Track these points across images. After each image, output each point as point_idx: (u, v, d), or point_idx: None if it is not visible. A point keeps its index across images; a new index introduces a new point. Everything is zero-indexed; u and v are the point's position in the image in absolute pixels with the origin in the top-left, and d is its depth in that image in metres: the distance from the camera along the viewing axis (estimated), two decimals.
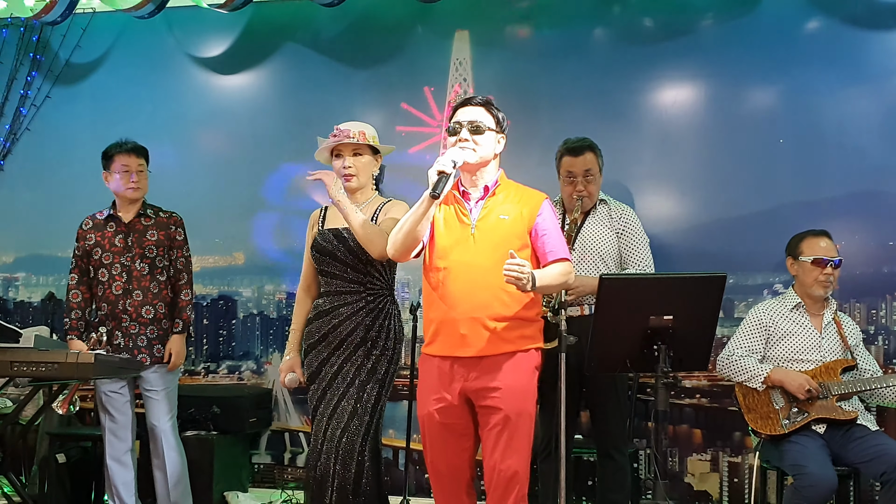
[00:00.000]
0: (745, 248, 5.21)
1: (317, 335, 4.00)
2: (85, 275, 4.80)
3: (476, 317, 3.48)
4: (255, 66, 6.03)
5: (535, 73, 5.58)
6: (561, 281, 3.51)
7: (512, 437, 3.50)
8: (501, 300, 3.49)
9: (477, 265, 3.49)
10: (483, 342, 3.49)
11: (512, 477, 3.50)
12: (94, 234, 4.77)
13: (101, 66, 6.23)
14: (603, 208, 4.60)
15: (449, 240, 3.55)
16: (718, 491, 5.21)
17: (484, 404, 3.52)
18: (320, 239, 4.03)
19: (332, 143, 3.99)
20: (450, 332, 3.52)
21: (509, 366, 3.51)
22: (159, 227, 4.79)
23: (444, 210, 3.59)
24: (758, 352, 4.41)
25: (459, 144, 3.50)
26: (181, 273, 4.81)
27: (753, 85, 5.33)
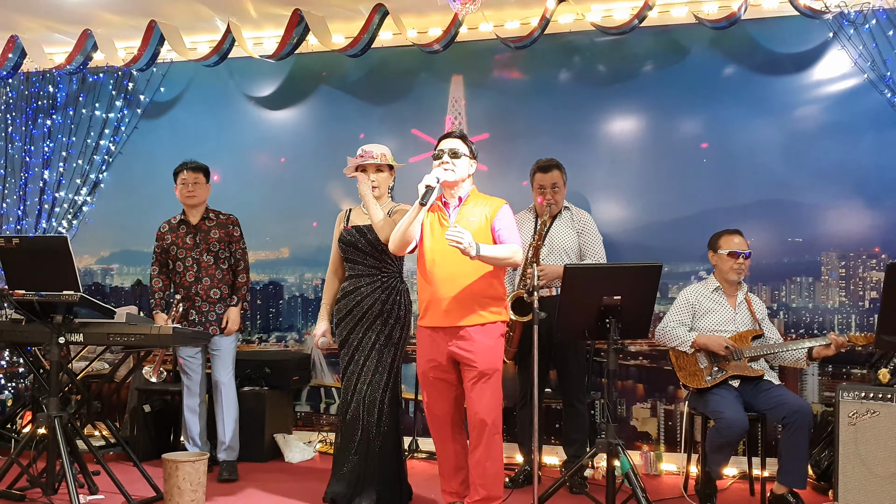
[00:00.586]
0: (677, 243, 5.20)
1: (344, 311, 4.03)
2: (164, 266, 4.84)
3: (455, 296, 3.57)
4: (296, 103, 6.02)
5: (515, 109, 5.57)
6: (504, 254, 3.54)
7: (485, 387, 3.57)
8: (472, 284, 3.59)
9: (455, 259, 3.55)
10: (461, 315, 3.58)
11: (485, 419, 3.57)
12: (170, 235, 4.80)
13: (177, 104, 6.23)
14: (566, 213, 4.65)
15: (434, 239, 3.66)
16: (657, 432, 5.21)
17: (465, 363, 3.61)
18: (345, 234, 4.07)
19: (360, 162, 4.03)
20: (435, 308, 3.62)
21: (481, 334, 3.60)
22: (220, 226, 4.81)
23: (430, 217, 3.69)
24: (686, 324, 4.42)
25: (443, 166, 3.60)
26: (239, 262, 4.84)
27: (683, 117, 5.32)
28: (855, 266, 4.99)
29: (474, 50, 5.62)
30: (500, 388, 3.62)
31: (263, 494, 4.35)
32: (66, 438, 3.98)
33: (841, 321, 5.00)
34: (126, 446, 4.35)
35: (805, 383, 4.98)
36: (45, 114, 6.35)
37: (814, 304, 5.05)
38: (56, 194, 6.27)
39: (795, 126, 5.12)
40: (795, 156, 5.10)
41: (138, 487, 4.25)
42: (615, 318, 3.67)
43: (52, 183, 6.29)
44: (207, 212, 4.84)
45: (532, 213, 4.72)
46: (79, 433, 4.20)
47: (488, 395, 3.57)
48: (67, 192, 6.27)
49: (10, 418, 5.48)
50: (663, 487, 4.61)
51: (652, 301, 3.75)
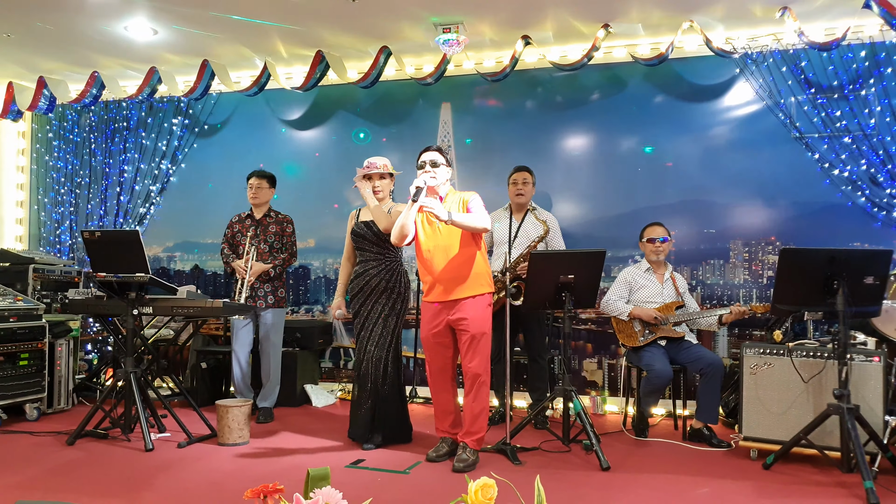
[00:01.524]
0: (618, 233, 5.20)
1: (356, 288, 4.01)
2: (231, 248, 4.82)
3: (449, 277, 3.53)
4: (319, 125, 5.99)
5: (491, 129, 5.56)
6: (474, 222, 3.44)
7: (476, 347, 3.53)
8: (461, 265, 3.54)
9: (444, 247, 3.54)
10: (455, 291, 3.54)
11: (477, 372, 3.54)
12: (238, 225, 4.81)
13: (226, 126, 6.19)
14: (533, 213, 4.63)
15: (426, 233, 3.61)
16: (602, 380, 5.23)
17: (459, 328, 3.56)
18: (357, 228, 4.05)
19: (366, 171, 4.01)
20: (436, 287, 3.57)
21: (472, 304, 3.54)
22: (277, 223, 4.79)
23: (420, 217, 3.64)
24: (624, 297, 4.44)
25: (426, 174, 3.56)
26: (288, 251, 4.82)
27: (623, 135, 5.31)
28: (756, 251, 5.01)
29: (459, 82, 5.61)
30: (489, 348, 3.59)
31: (296, 431, 4.35)
32: (140, 389, 3.99)
33: (745, 294, 5.02)
34: (187, 395, 4.34)
35: (717, 342, 5.01)
36: (121, 134, 6.30)
37: (724, 281, 5.07)
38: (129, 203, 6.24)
39: (710, 142, 5.13)
40: (710, 165, 5.11)
41: (197, 427, 4.26)
42: (569, 292, 3.70)
43: (126, 189, 6.25)
44: (269, 210, 4.82)
45: (507, 211, 4.73)
46: (150, 385, 4.19)
47: (479, 353, 3.53)
48: (139, 197, 6.24)
49: (96, 373, 5.47)
50: (608, 424, 4.64)
51: (598, 279, 3.77)
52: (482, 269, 3.61)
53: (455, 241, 3.55)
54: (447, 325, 3.60)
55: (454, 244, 3.54)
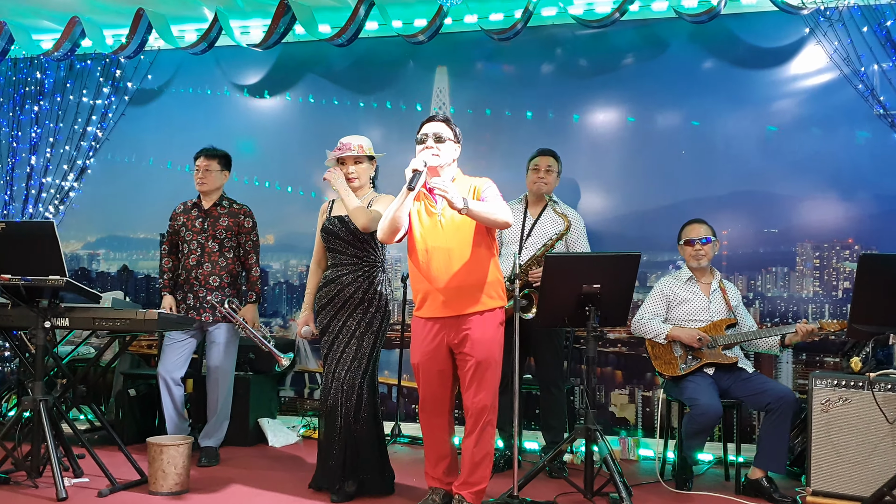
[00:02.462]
0: (656, 232, 5.19)
1: (326, 299, 3.99)
2: (174, 247, 4.82)
3: (451, 286, 3.46)
4: (282, 91, 6.00)
5: (498, 99, 5.55)
6: (492, 210, 3.38)
7: (482, 378, 3.49)
8: (469, 271, 3.47)
9: (447, 246, 3.48)
10: (457, 305, 3.48)
11: (482, 408, 3.50)
12: (182, 217, 4.79)
13: (164, 91, 6.19)
14: (552, 209, 4.61)
15: (423, 228, 3.54)
16: (634, 417, 5.22)
17: (460, 352, 3.52)
18: (328, 224, 4.03)
19: (338, 154, 4.01)
20: (433, 299, 3.52)
21: (479, 322, 3.49)
22: (231, 215, 4.75)
23: (417, 206, 3.57)
24: (661, 315, 4.43)
25: (428, 150, 3.49)
26: (249, 254, 4.78)
27: (662, 109, 5.31)
28: (829, 256, 5.00)
29: (458, 41, 5.59)
30: (498, 378, 3.54)
31: (248, 479, 4.30)
32: (52, 422, 3.93)
33: (815, 310, 5.01)
34: (111, 430, 4.29)
35: (779, 371, 4.99)
36: (33, 100, 6.27)
37: (789, 293, 5.06)
38: (43, 180, 6.20)
39: (772, 119, 5.12)
40: (771, 148, 5.10)
41: (123, 471, 4.20)
42: (594, 305, 3.68)
43: (39, 168, 6.22)
44: (222, 199, 4.79)
45: (521, 203, 4.73)
46: (64, 417, 4.14)
47: (486, 385, 3.49)
48: (54, 178, 6.20)
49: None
50: (641, 473, 4.61)
51: (630, 289, 3.76)
52: (494, 278, 3.55)
53: (462, 238, 3.48)
54: (446, 348, 3.55)
55: (460, 243, 3.47)
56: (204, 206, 4.76)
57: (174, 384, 4.64)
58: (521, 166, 4.81)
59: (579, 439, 3.87)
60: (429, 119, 3.62)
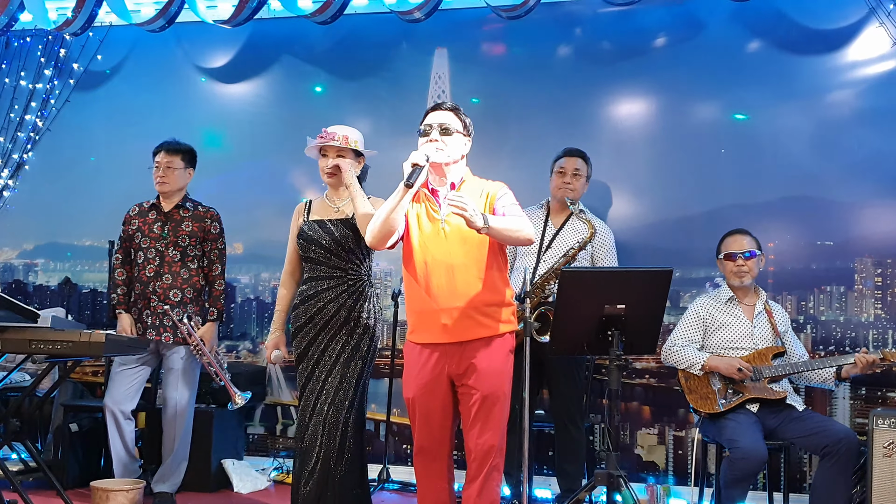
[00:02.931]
0: (690, 244, 5.18)
1: (303, 318, 3.96)
2: (128, 255, 4.77)
3: (454, 307, 3.42)
4: (254, 76, 6.00)
5: (506, 87, 5.55)
6: (516, 226, 3.36)
7: (488, 415, 3.45)
8: (475, 289, 3.43)
9: (451, 259, 3.43)
10: (461, 329, 3.44)
11: (488, 450, 3.46)
12: (137, 220, 4.74)
13: (116, 74, 6.19)
14: (577, 219, 4.57)
15: (423, 235, 3.49)
16: (665, 462, 5.19)
17: (463, 385, 3.47)
18: (306, 229, 4.01)
19: (318, 143, 3.98)
20: (431, 321, 3.47)
21: (486, 350, 3.45)
22: (195, 219, 4.71)
23: (417, 208, 3.52)
24: (696, 341, 4.42)
25: (431, 144, 3.46)
26: (214, 264, 4.73)
27: (698, 100, 5.32)
28: (892, 274, 4.98)
29: (461, 19, 5.60)
30: (506, 415, 3.50)
31: None
32: None
33: (876, 337, 4.97)
34: (48, 472, 4.23)
35: (835, 408, 4.96)
36: None
37: (846, 316, 5.03)
38: None
39: (826, 112, 5.11)
40: (826, 146, 5.09)
41: None
42: (618, 329, 3.65)
43: None
44: (185, 200, 4.74)
45: (542, 211, 4.73)
46: None
47: (492, 424, 3.44)
48: None
49: None
50: None
51: (661, 311, 3.72)
52: (504, 296, 3.52)
53: (469, 250, 3.43)
54: (446, 380, 3.50)
55: (466, 255, 3.42)
56: (164, 207, 4.71)
57: (124, 418, 4.58)
58: (532, 165, 4.81)
59: (600, 487, 3.83)
60: (434, 107, 3.58)
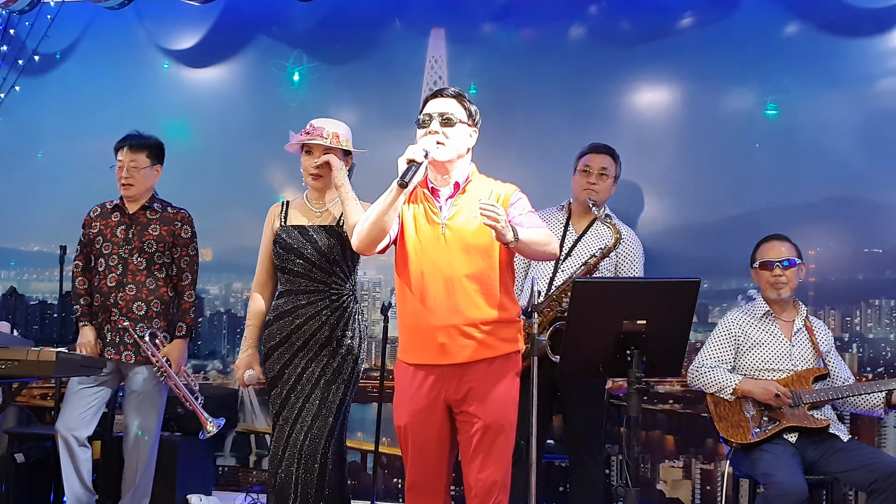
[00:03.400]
0: (720, 252, 5.19)
1: (278, 336, 3.95)
2: (89, 262, 4.76)
3: (453, 323, 3.41)
4: (226, 59, 6.00)
5: (511, 73, 5.56)
6: (545, 239, 3.39)
7: (491, 447, 3.45)
8: (477, 304, 3.42)
9: (451, 269, 3.41)
10: (461, 349, 3.43)
11: (490, 487, 3.45)
12: (98, 223, 4.72)
13: (69, 57, 6.19)
14: (604, 226, 4.57)
15: (419, 241, 3.47)
16: (691, 498, 5.19)
17: (463, 412, 3.47)
18: (285, 236, 3.99)
19: (303, 140, 3.96)
20: (426, 339, 3.45)
21: (489, 373, 3.45)
22: (164, 222, 4.71)
23: (414, 209, 3.51)
24: (727, 362, 4.41)
25: (431, 136, 3.43)
26: (184, 273, 4.72)
27: (730, 88, 5.33)
28: None
29: None
30: (511, 446, 3.51)
31: None
32: None
33: None
34: None
35: (884, 438, 4.96)
36: None
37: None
38: None
39: (875, 103, 5.14)
40: (876, 141, 5.11)
41: None
42: (638, 348, 3.62)
43: None
44: (152, 201, 4.74)
45: (563, 213, 4.73)
46: None
47: (495, 456, 3.44)
48: None
49: None
50: None
51: (687, 327, 3.70)
52: (510, 314, 3.53)
53: (472, 258, 3.41)
54: (443, 406, 3.51)
55: (469, 264, 3.41)
56: (128, 209, 4.72)
57: (78, 445, 4.56)
58: (540, 163, 4.82)
59: None
60: (434, 94, 3.56)
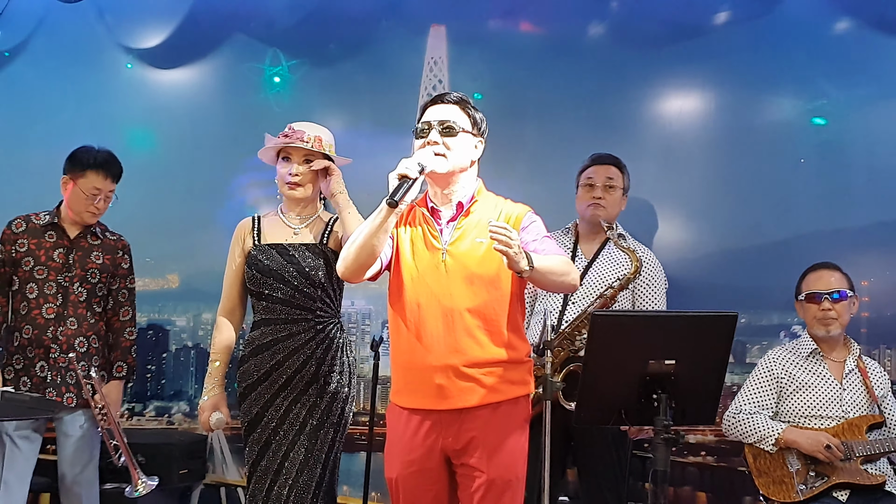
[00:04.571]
0: (760, 282, 5.18)
1: (256, 374, 3.93)
2: (9, 284, 4.65)
3: (452, 364, 3.40)
4: (198, 59, 6.05)
5: (521, 76, 5.59)
6: (563, 268, 3.37)
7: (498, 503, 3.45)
8: (480, 342, 3.42)
9: (452, 301, 3.41)
10: (462, 393, 3.42)
11: None
12: (27, 240, 4.64)
13: (18, 56, 6.22)
14: (616, 245, 4.56)
15: (416, 269, 3.47)
16: None
17: (463, 464, 3.47)
18: (261, 256, 3.98)
19: (282, 143, 3.95)
20: (423, 380, 3.45)
21: (494, 420, 3.45)
22: (106, 249, 4.69)
23: (411, 232, 3.50)
24: (768, 407, 4.41)
25: (429, 147, 3.40)
26: (123, 308, 4.72)
27: (771, 95, 5.34)
28: None
29: None
30: None
31: None
32: None
33: None
34: None
35: None
36: None
37: None
38: None
39: None
40: None
41: None
42: (666, 392, 3.62)
43: None
44: (95, 225, 4.71)
45: (570, 236, 4.73)
46: None
47: None
48: None
49: None
50: None
51: (722, 368, 3.69)
52: (519, 353, 3.52)
53: (476, 291, 3.41)
54: (441, 457, 3.50)
55: (472, 298, 3.41)
56: (68, 231, 4.69)
57: None
58: (553, 178, 4.82)
59: None
60: (434, 100, 3.55)
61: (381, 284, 3.57)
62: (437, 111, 3.50)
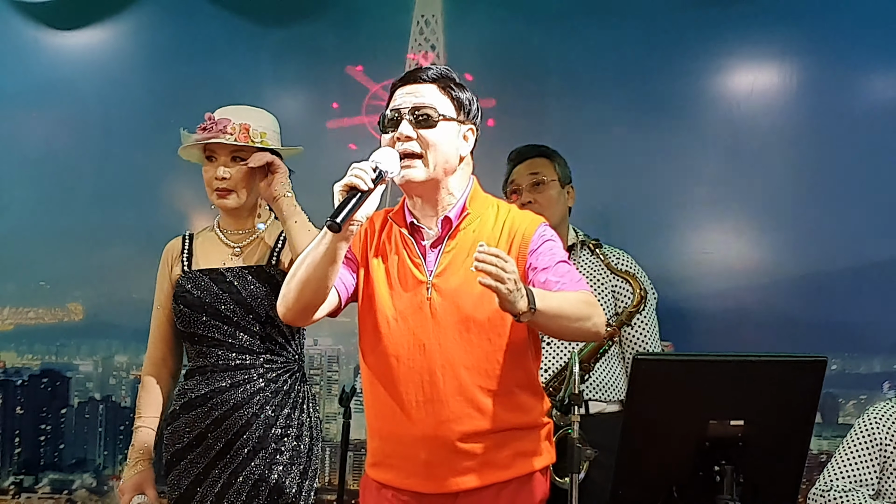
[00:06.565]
0: (856, 318, 5.22)
1: (187, 437, 3.93)
2: None
3: (443, 436, 3.37)
4: (109, 18, 6.06)
5: (538, 43, 5.64)
6: (579, 312, 3.21)
7: None
8: (480, 406, 3.38)
9: (439, 352, 3.36)
10: (455, 473, 3.40)
11: None
12: None
13: None
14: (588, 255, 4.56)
15: (393, 309, 3.41)
16: None
17: None
18: (190, 286, 3.97)
19: (199, 139, 3.93)
20: (405, 455, 3.42)
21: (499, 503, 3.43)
22: None
23: (388, 254, 3.44)
24: (869, 484, 4.37)
25: (397, 145, 3.30)
26: None
27: (872, 70, 5.39)
28: None
29: None
30: None
31: None
32: None
33: None
34: None
35: None
36: None
37: None
38: None
39: None
40: None
41: None
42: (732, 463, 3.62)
43: None
44: None
45: None
46: None
47: None
48: None
49: None
50: None
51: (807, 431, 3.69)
52: (532, 416, 3.50)
53: (471, 339, 3.35)
54: None
55: (467, 348, 3.37)
56: None
57: None
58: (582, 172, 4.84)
59: None
60: (405, 79, 3.46)
61: (352, 316, 3.49)
62: (409, 93, 3.39)
